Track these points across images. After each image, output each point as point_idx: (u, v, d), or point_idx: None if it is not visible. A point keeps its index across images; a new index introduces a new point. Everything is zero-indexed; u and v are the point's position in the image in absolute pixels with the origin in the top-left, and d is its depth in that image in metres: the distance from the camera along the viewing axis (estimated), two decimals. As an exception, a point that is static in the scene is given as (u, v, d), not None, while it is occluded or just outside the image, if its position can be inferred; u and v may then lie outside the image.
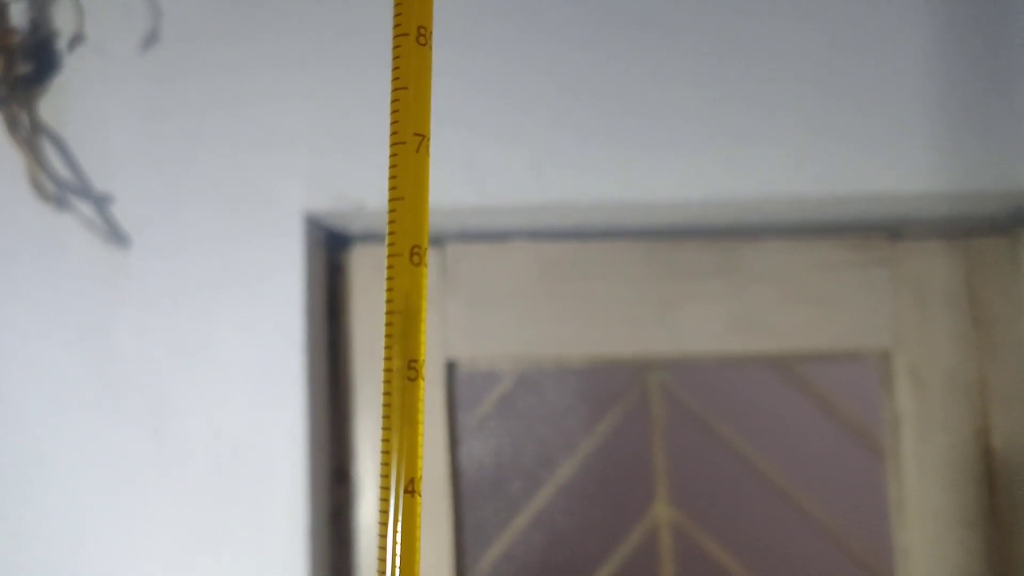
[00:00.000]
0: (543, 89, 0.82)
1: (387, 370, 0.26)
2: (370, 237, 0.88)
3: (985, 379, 0.88)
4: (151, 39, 0.82)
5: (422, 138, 0.26)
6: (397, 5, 0.26)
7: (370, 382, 0.85)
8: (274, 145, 0.82)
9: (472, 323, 0.86)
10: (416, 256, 0.26)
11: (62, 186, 0.80)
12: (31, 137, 0.81)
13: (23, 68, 0.81)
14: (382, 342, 0.85)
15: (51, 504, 0.76)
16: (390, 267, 0.26)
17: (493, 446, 0.88)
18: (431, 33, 0.27)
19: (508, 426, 0.89)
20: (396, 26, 0.26)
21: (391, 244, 0.26)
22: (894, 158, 0.83)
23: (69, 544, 0.75)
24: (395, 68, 0.26)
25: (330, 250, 0.87)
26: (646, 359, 0.89)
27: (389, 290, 0.26)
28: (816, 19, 0.84)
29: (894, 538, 0.88)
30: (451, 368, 0.86)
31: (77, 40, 0.80)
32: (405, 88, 0.26)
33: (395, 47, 0.26)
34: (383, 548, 0.26)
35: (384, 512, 0.26)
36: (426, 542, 0.82)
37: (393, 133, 0.26)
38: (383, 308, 0.88)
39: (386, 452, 0.26)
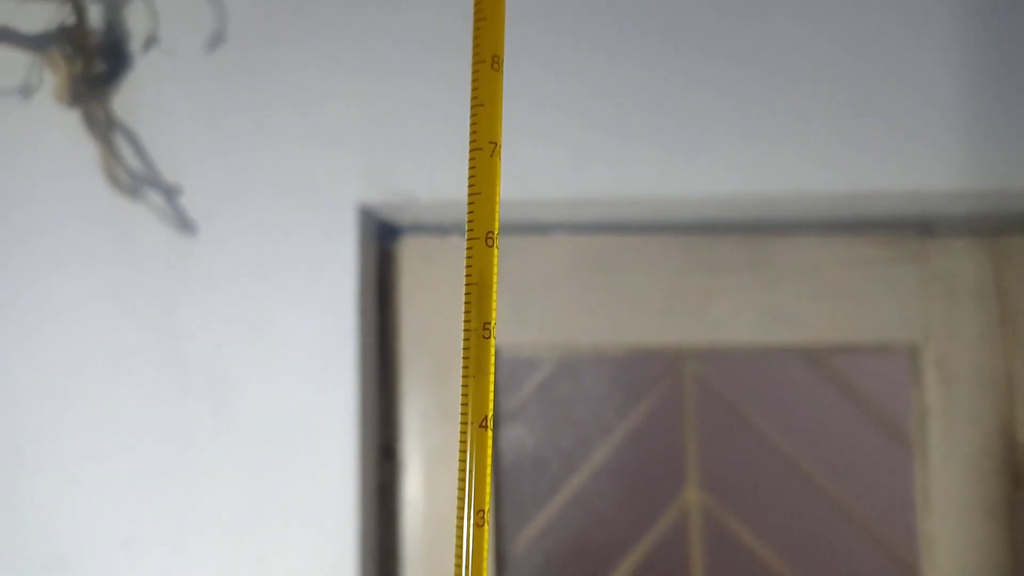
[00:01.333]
0: (584, 93, 0.86)
1: (466, 330, 0.33)
2: (419, 228, 0.93)
3: (1011, 374, 0.90)
4: (217, 40, 0.87)
5: (495, 145, 0.33)
6: (476, 36, 0.33)
7: (416, 364, 0.90)
8: (330, 141, 0.87)
9: (514, 311, 0.91)
10: (489, 240, 0.33)
11: (135, 177, 0.86)
12: (106, 131, 0.87)
13: (99, 67, 0.87)
14: (428, 326, 0.89)
15: (118, 469, 0.82)
16: (469, 248, 0.33)
17: (533, 429, 0.92)
18: (502, 60, 0.33)
19: (547, 410, 0.93)
20: (475, 53, 0.33)
21: (470, 230, 0.33)
22: (924, 156, 0.86)
23: (132, 508, 0.81)
24: (474, 88, 0.34)
25: (381, 240, 0.92)
26: (680, 349, 0.92)
27: (469, 267, 0.33)
28: (845, 21, 0.87)
29: (919, 527, 0.90)
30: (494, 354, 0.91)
31: (151, 41, 0.86)
32: (482, 105, 0.33)
33: (474, 71, 0.33)
34: (462, 471, 0.32)
35: (463, 443, 0.32)
36: (467, 517, 0.87)
37: (472, 140, 0.34)
38: (429, 293, 0.93)
39: (464, 395, 0.32)
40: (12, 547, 0.82)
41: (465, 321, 0.33)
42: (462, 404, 0.33)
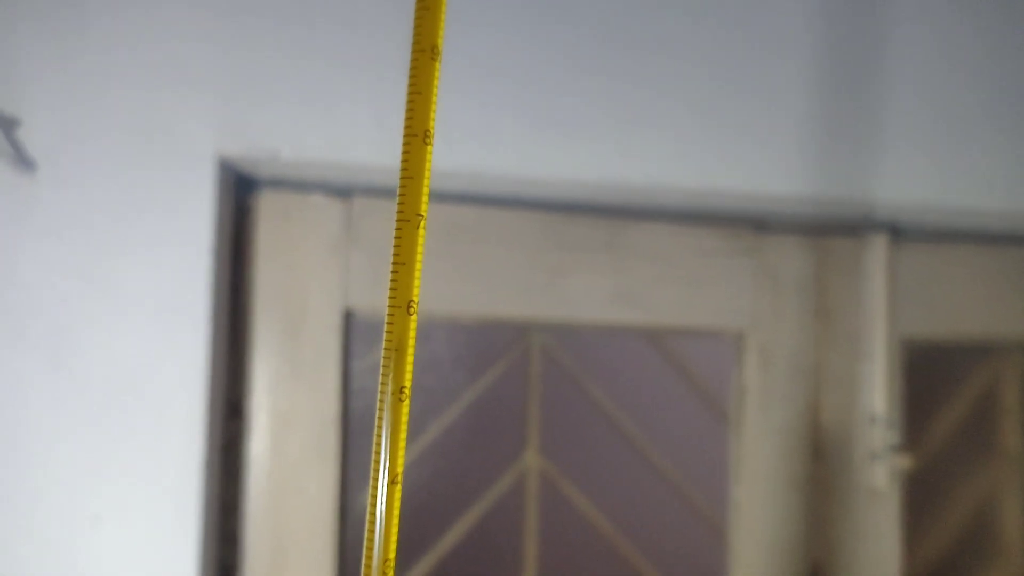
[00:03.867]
0: (455, 68, 0.86)
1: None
2: (279, 183, 0.90)
3: (822, 362, 1.00)
4: (69, -38, 0.81)
5: (427, 132, 0.35)
6: (417, 26, 0.33)
7: (267, 322, 0.88)
8: (190, 84, 0.83)
9: (372, 275, 0.91)
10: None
11: (-33, 104, 0.78)
12: (-66, 49, 0.79)
13: (-72, -25, 0.79)
14: (284, 283, 0.88)
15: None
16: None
17: (381, 391, 0.94)
18: (440, 50, 0.34)
19: (397, 373, 0.94)
20: (415, 42, 0.33)
21: (400, 212, 0.35)
22: (764, 160, 0.93)
23: (-34, 463, 0.76)
24: (411, 77, 0.35)
25: (238, 192, 0.89)
26: (531, 322, 0.96)
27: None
28: (707, 26, 0.91)
29: (731, 495, 0.99)
30: (348, 316, 0.91)
31: (-6, -42, 0.78)
32: (419, 93, 0.35)
33: (412, 60, 0.33)
34: (378, 435, 0.34)
35: (381, 411, 0.34)
36: (314, 477, 0.88)
37: (407, 127, 0.35)
38: (286, 251, 0.91)
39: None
40: None
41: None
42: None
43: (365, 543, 0.34)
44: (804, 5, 0.94)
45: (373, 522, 0.33)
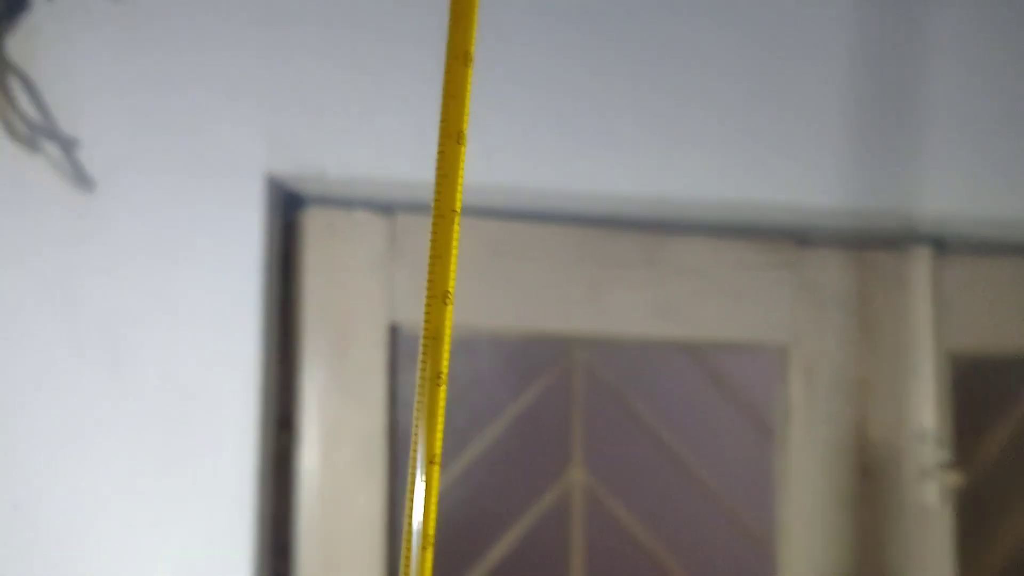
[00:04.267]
0: (494, 84, 0.88)
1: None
2: (325, 200, 0.92)
3: (867, 378, 0.99)
4: (126, -11, 0.84)
5: (460, 133, 0.37)
6: (451, 33, 0.35)
7: (316, 338, 0.90)
8: (238, 105, 0.85)
9: (416, 290, 0.92)
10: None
11: (31, 127, 0.82)
12: (1, 75, 0.82)
13: (-5, 6, 0.83)
14: (331, 298, 0.90)
15: (12, 430, 0.79)
16: (435, 224, 0.36)
17: (426, 406, 0.95)
18: (472, 56, 0.37)
19: (441, 389, 0.95)
20: (448, 49, 0.37)
21: (436, 208, 0.37)
22: (804, 173, 0.93)
23: (27, 470, 0.78)
24: (446, 82, 0.37)
25: (287, 209, 0.92)
26: (572, 337, 0.97)
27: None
28: (744, 38, 0.93)
29: (777, 513, 0.98)
30: (394, 331, 0.92)
31: (56, -15, 0.82)
32: (453, 97, 0.37)
33: (447, 65, 0.36)
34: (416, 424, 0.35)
35: (420, 396, 0.35)
36: (363, 489, 0.89)
37: (442, 129, 0.37)
38: (332, 267, 0.93)
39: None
40: None
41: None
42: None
43: (404, 522, 0.36)
44: (842, 15, 0.94)
45: (412, 501, 0.35)
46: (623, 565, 0.97)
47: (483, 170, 0.88)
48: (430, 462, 0.35)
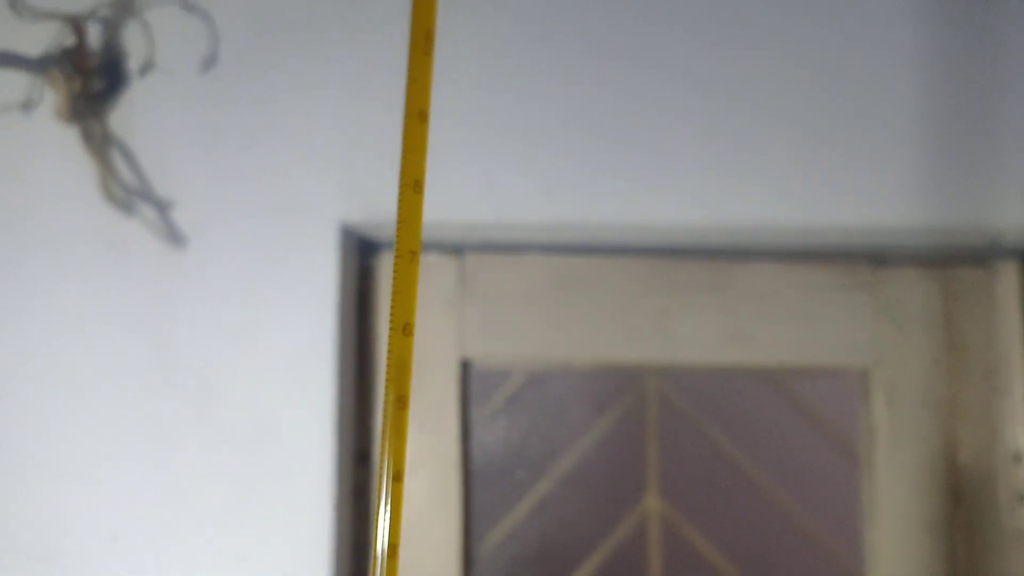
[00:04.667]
0: (555, 121, 0.91)
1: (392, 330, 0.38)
2: (398, 245, 0.97)
3: (955, 399, 0.95)
4: (210, 62, 0.92)
5: (417, 182, 0.42)
6: (408, 93, 0.39)
7: (393, 376, 0.95)
8: (314, 161, 0.91)
9: (486, 325, 0.96)
10: (413, 250, 0.43)
11: (129, 191, 0.90)
12: (103, 147, 0.91)
13: (97, 85, 0.92)
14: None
15: (108, 469, 0.87)
16: (396, 263, 0.41)
17: (502, 438, 0.98)
18: (427, 114, 0.42)
19: (516, 420, 0.98)
20: (406, 107, 0.42)
21: (398, 250, 0.42)
22: (878, 191, 0.91)
23: (126, 505, 0.86)
24: (404, 137, 0.42)
25: (361, 255, 0.97)
26: (644, 365, 0.98)
27: (395, 280, 0.40)
28: (808, 58, 0.92)
29: (865, 540, 0.96)
30: (466, 366, 0.96)
31: (148, 66, 0.91)
32: (411, 151, 0.43)
33: (405, 123, 0.41)
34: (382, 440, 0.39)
35: (385, 417, 0.38)
36: (438, 520, 0.92)
37: (402, 179, 0.42)
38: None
39: (388, 379, 0.37)
40: (4, 539, 0.86)
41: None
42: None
43: (372, 532, 0.39)
44: (913, 25, 0.91)
45: (378, 513, 0.38)
46: (702, 594, 0.97)
47: (545, 207, 0.91)
48: (395, 479, 0.38)
